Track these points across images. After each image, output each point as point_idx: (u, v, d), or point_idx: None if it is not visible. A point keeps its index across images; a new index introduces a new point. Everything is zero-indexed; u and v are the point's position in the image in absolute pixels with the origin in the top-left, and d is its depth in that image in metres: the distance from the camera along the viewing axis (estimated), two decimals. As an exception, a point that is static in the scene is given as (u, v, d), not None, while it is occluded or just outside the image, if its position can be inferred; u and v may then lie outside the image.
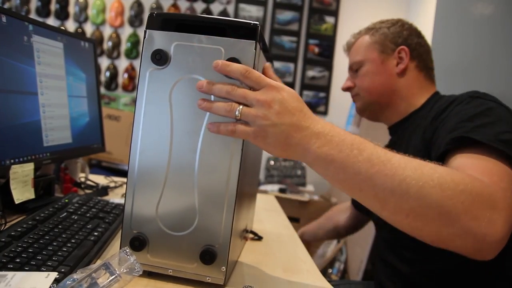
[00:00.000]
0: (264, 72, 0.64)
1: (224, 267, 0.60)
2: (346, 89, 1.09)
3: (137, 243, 0.61)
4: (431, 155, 0.79)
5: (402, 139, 0.99)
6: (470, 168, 0.63)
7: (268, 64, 0.67)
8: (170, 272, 0.62)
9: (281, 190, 2.81)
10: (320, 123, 0.57)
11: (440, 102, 0.92)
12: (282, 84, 0.59)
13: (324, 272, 2.24)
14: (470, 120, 0.74)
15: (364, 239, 2.20)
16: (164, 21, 0.61)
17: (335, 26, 3.19)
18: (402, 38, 1.03)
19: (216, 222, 0.60)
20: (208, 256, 0.60)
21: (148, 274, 0.63)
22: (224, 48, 0.59)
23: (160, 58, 0.59)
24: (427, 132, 0.85)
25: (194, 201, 0.60)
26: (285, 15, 3.22)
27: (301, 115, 0.56)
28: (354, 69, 1.07)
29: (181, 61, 0.59)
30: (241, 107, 0.56)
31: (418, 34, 1.06)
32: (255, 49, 0.58)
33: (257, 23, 0.59)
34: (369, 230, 2.16)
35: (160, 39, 0.60)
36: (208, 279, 0.61)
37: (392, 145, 1.03)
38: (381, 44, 1.03)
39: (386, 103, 1.03)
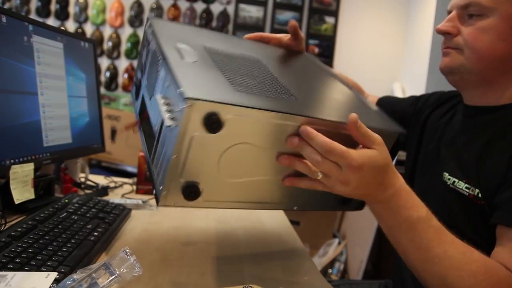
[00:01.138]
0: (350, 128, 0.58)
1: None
2: (444, 32, 0.78)
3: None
4: (503, 191, 0.68)
5: (479, 133, 0.78)
6: None
7: (354, 116, 0.57)
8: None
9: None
10: (389, 195, 0.61)
11: None
12: (365, 159, 0.56)
13: (324, 272, 2.24)
14: None
15: (364, 239, 2.20)
16: None
17: (335, 26, 3.18)
18: None
19: None
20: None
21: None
22: None
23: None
24: None
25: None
26: (285, 15, 3.22)
27: (376, 191, 0.60)
28: (469, 11, 0.74)
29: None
30: (320, 174, 0.58)
31: None
32: None
33: None
34: (369, 230, 2.16)
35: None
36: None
37: (464, 132, 0.82)
38: None
39: (491, 80, 0.76)
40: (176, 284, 0.63)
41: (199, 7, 3.18)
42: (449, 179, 0.80)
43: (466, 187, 0.76)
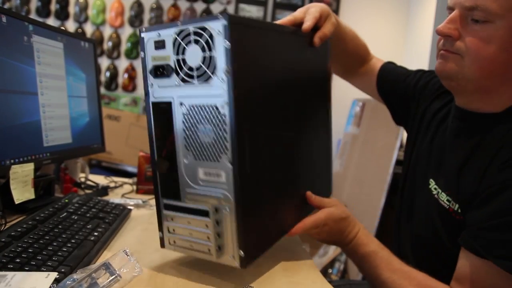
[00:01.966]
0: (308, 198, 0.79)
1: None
2: (445, 35, 0.73)
3: None
4: (471, 210, 0.70)
5: (464, 141, 0.77)
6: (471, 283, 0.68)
7: (307, 194, 0.79)
8: None
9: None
10: (351, 238, 0.78)
11: None
12: (328, 215, 0.75)
13: (324, 272, 2.24)
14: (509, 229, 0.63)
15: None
16: None
17: (335, 26, 3.18)
18: None
19: None
20: None
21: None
22: None
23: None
24: (487, 177, 0.68)
25: None
26: (285, 15, 3.22)
27: (341, 236, 0.79)
28: (474, 15, 0.68)
29: None
30: None
31: None
32: None
33: None
34: (368, 231, 2.16)
35: None
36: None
37: (452, 138, 0.80)
38: None
39: (488, 89, 0.73)
40: (176, 284, 0.63)
41: (199, 7, 3.19)
42: (435, 188, 0.80)
43: (447, 200, 0.75)
